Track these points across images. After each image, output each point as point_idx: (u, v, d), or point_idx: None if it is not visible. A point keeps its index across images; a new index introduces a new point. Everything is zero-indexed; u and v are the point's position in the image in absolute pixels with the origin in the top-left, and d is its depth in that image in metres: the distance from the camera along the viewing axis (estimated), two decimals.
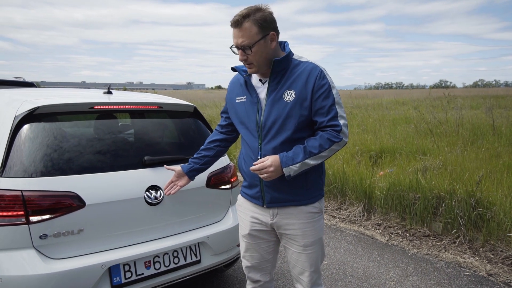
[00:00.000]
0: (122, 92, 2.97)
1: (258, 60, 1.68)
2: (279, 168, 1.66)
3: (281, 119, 1.70)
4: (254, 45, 1.64)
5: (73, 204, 1.94)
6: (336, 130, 1.67)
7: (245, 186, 1.94)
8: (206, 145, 2.12)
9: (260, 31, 1.65)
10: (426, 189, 4.13)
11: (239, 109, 1.85)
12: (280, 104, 1.70)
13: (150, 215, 2.19)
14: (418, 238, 3.93)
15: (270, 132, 1.73)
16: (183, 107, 2.67)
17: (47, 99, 2.18)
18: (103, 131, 2.25)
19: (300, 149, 1.68)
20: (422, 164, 5.73)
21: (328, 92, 1.68)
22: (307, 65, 1.73)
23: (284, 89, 1.71)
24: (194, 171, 2.13)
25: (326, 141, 1.66)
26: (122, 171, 2.14)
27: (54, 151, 2.00)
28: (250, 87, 1.80)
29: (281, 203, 1.80)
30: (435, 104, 16.48)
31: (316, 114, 1.70)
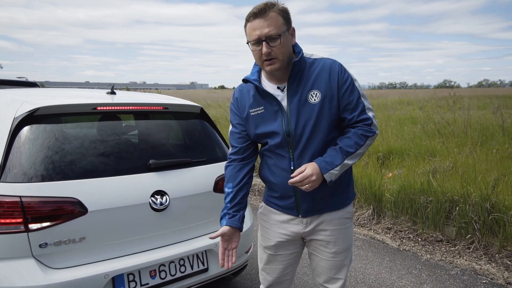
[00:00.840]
0: (126, 92, 2.88)
1: (284, 53, 1.55)
2: (320, 176, 1.53)
3: (312, 123, 1.58)
4: (282, 35, 1.52)
5: (75, 210, 1.84)
6: (368, 124, 1.58)
7: (274, 197, 1.76)
8: (238, 184, 1.70)
9: (285, 23, 1.54)
10: (439, 192, 4.00)
11: (258, 121, 1.67)
12: (307, 108, 1.58)
13: (155, 221, 2.09)
14: (431, 243, 3.81)
15: (302, 139, 1.60)
16: (189, 107, 2.56)
17: (48, 99, 2.08)
18: (106, 133, 2.15)
19: (336, 151, 1.57)
20: (432, 166, 5.60)
21: (353, 85, 1.59)
22: (324, 61, 1.62)
23: (307, 90, 1.59)
24: (243, 219, 1.72)
25: (361, 138, 1.58)
26: (126, 176, 2.04)
27: (55, 154, 1.90)
28: (267, 96, 1.64)
29: (318, 211, 1.69)
30: (441, 104, 16.32)
31: (344, 110, 1.60)
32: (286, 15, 1.54)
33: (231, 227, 1.64)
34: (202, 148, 2.48)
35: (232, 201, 1.68)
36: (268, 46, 1.51)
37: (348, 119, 1.60)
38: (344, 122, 1.63)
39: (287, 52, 1.56)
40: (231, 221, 1.65)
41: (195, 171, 2.32)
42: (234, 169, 1.73)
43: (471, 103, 16.10)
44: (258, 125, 1.67)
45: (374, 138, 1.60)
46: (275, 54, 1.52)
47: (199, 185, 2.30)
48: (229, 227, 1.64)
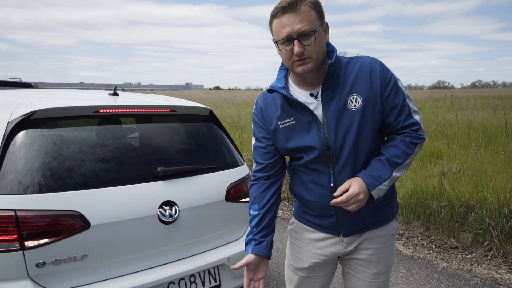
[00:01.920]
0: (129, 93, 2.69)
1: (319, 52, 1.34)
2: (367, 193, 1.34)
3: (353, 132, 1.38)
4: (315, 31, 1.31)
5: (76, 225, 1.65)
6: (415, 129, 1.41)
7: (311, 215, 1.57)
8: (265, 205, 1.51)
9: (318, 17, 1.34)
10: (453, 197, 3.85)
11: (289, 134, 1.46)
12: (346, 115, 1.38)
13: (164, 235, 1.90)
14: (446, 250, 3.65)
15: (343, 152, 1.40)
16: (198, 110, 2.38)
17: (45, 102, 1.89)
18: (110, 138, 1.96)
19: (382, 163, 1.38)
20: (439, 168, 5.46)
21: (397, 86, 1.41)
22: (362, 60, 1.42)
23: (346, 95, 1.39)
24: (271, 244, 1.51)
25: (409, 146, 1.40)
26: (132, 185, 1.85)
27: (54, 162, 1.71)
28: (297, 105, 1.43)
29: (360, 230, 1.50)
30: (439, 105, 16.26)
31: (389, 115, 1.41)
32: (319, 8, 1.34)
33: (258, 255, 1.44)
34: (212, 153, 2.30)
35: (258, 225, 1.48)
36: (301, 45, 1.30)
37: (393, 125, 1.42)
38: (387, 128, 1.44)
39: (322, 51, 1.36)
40: (258, 249, 1.44)
41: (206, 179, 2.14)
42: (260, 189, 1.53)
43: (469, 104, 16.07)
44: (289, 139, 1.47)
45: (422, 145, 1.42)
46: (309, 53, 1.32)
47: (211, 194, 2.12)
48: (255, 256, 1.43)
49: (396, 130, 1.43)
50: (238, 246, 2.22)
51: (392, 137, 1.44)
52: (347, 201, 1.30)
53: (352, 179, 1.36)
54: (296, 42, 1.30)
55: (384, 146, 1.43)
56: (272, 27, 1.37)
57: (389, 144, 1.42)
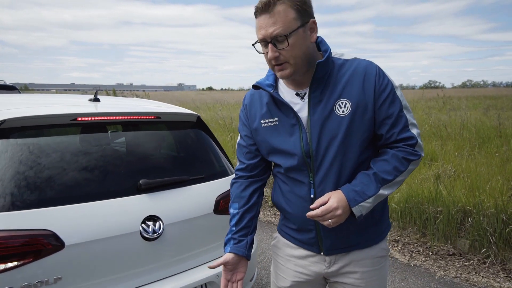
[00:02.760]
0: (112, 98, 2.54)
1: (296, 56, 1.22)
2: (347, 209, 1.22)
3: (338, 140, 1.26)
4: (291, 34, 1.19)
5: (49, 245, 1.51)
6: (411, 144, 1.27)
7: (291, 229, 1.46)
8: (246, 204, 1.44)
9: (298, 17, 1.21)
10: (449, 202, 3.77)
11: (269, 135, 1.37)
12: (332, 121, 1.26)
13: (147, 252, 1.77)
14: (443, 257, 3.56)
15: (324, 161, 1.28)
16: (185, 116, 2.25)
17: (17, 109, 1.74)
18: (88, 149, 1.82)
19: (369, 177, 1.25)
20: (434, 171, 5.39)
21: (394, 94, 1.27)
22: (357, 63, 1.30)
23: (334, 99, 1.27)
24: (251, 244, 1.44)
25: (402, 162, 1.26)
26: (111, 200, 1.71)
27: (24, 177, 1.57)
28: (283, 105, 1.33)
29: (342, 249, 1.38)
30: (431, 105, 16.29)
31: (381, 125, 1.28)
32: (300, 6, 1.20)
33: (236, 254, 1.38)
34: (200, 162, 2.17)
35: (238, 224, 1.42)
36: (275, 49, 1.21)
37: (385, 137, 1.28)
38: (380, 140, 1.31)
39: (302, 54, 1.24)
40: (236, 248, 1.39)
41: (193, 190, 2.00)
42: (240, 187, 1.47)
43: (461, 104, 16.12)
44: (269, 140, 1.37)
45: (418, 163, 1.29)
46: (285, 58, 1.22)
47: (198, 206, 1.99)
48: (233, 255, 1.38)
49: (389, 143, 1.29)
50: None
51: (384, 150, 1.31)
52: (322, 215, 1.19)
53: (332, 192, 1.24)
54: (270, 46, 1.21)
55: (374, 160, 1.30)
56: (255, 28, 1.27)
57: (380, 158, 1.29)
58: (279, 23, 1.18)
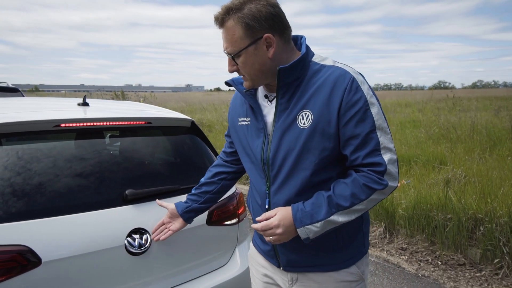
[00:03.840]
0: (101, 102, 2.43)
1: (250, 73, 1.19)
2: (291, 228, 1.14)
3: (294, 154, 1.16)
4: (240, 53, 1.15)
5: (24, 261, 1.40)
6: (378, 172, 1.11)
7: (258, 237, 1.45)
8: (208, 178, 1.59)
9: (247, 34, 1.13)
10: (459, 209, 3.60)
11: (242, 134, 1.35)
12: (292, 132, 1.17)
13: (133, 268, 1.65)
14: (452, 267, 3.39)
15: (280, 173, 1.21)
16: (178, 121, 2.13)
17: None
18: (71, 157, 1.71)
19: (323, 199, 1.14)
20: (444, 175, 5.21)
21: (364, 112, 1.12)
22: (332, 71, 1.16)
23: (298, 109, 1.17)
24: (192, 212, 1.57)
25: (362, 189, 1.11)
26: (94, 211, 1.60)
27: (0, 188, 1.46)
28: (255, 106, 1.27)
29: (302, 268, 1.28)
30: (440, 106, 16.01)
31: (346, 145, 1.14)
32: (250, 22, 1.11)
33: (176, 209, 1.57)
34: (193, 171, 2.05)
35: (196, 189, 1.60)
36: (233, 63, 1.20)
37: (350, 159, 1.15)
38: (346, 161, 1.18)
39: (255, 71, 1.18)
40: (179, 204, 1.58)
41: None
42: (217, 163, 1.62)
43: (471, 105, 15.81)
44: (241, 140, 1.35)
45: (386, 193, 1.14)
46: (242, 72, 1.21)
47: None
48: (174, 207, 1.58)
49: (355, 166, 1.16)
50: (222, 275, 1.97)
51: (349, 172, 1.18)
52: (262, 230, 1.16)
53: (281, 208, 1.18)
54: (229, 59, 1.21)
55: (337, 181, 1.17)
56: None
57: (342, 180, 1.17)
58: (229, 41, 1.16)
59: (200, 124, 11.97)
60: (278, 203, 1.22)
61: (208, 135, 9.93)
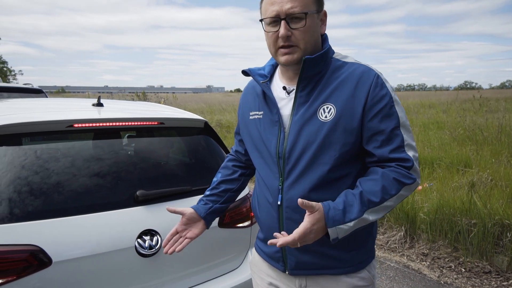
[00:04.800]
0: (116, 102, 2.45)
1: (308, 41, 1.14)
2: (322, 229, 1.07)
3: (314, 147, 1.14)
4: (309, 14, 1.11)
5: (34, 261, 1.41)
6: (406, 167, 1.11)
7: (260, 239, 1.38)
8: (227, 176, 1.49)
9: (315, 2, 1.14)
10: (484, 214, 3.44)
11: (253, 129, 1.30)
12: (312, 125, 1.14)
13: (143, 270, 1.64)
14: (477, 275, 3.25)
15: (296, 167, 1.16)
16: (191, 122, 2.11)
17: (10, 115, 1.66)
18: (83, 158, 1.71)
19: (354, 196, 1.09)
20: (468, 178, 5.02)
21: (390, 108, 1.13)
22: (355, 67, 1.16)
23: (319, 102, 1.15)
24: (214, 214, 1.43)
25: (393, 184, 1.10)
26: (105, 212, 1.60)
27: (12, 188, 1.48)
28: (270, 99, 1.23)
29: (311, 270, 1.23)
30: (466, 107, 15.50)
31: (370, 141, 1.14)
32: None
33: (196, 212, 1.39)
34: (205, 171, 2.02)
35: (212, 189, 1.47)
36: (288, 27, 1.11)
37: (377, 155, 1.13)
38: (369, 157, 1.16)
39: (313, 41, 1.15)
40: (199, 207, 1.41)
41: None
42: (229, 161, 1.54)
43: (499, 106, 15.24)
44: (252, 134, 1.30)
45: (412, 189, 1.13)
46: (296, 39, 1.12)
47: None
48: (193, 211, 1.39)
49: (380, 162, 1.13)
50: (233, 278, 1.94)
51: (374, 169, 1.14)
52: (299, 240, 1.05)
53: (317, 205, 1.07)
54: (283, 23, 1.11)
55: (361, 179, 1.14)
56: (261, 6, 1.19)
57: (368, 177, 1.13)
58: (298, 1, 1.10)
59: (218, 125, 12.00)
60: (292, 199, 1.17)
61: (226, 136, 9.94)
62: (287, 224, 1.19)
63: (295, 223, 1.14)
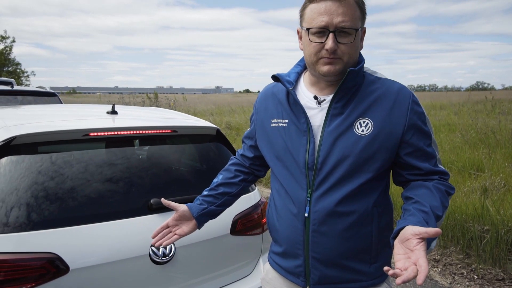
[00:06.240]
0: (129, 109, 2.48)
1: (352, 55, 1.14)
2: None
3: (350, 160, 1.13)
4: (357, 31, 1.13)
5: (52, 269, 1.44)
6: (446, 179, 1.18)
7: (277, 254, 1.33)
8: (228, 179, 1.44)
9: (360, 18, 1.15)
10: (498, 220, 3.40)
11: (275, 137, 1.26)
12: (348, 138, 1.14)
13: (157, 277, 1.67)
14: (490, 282, 3.21)
15: (328, 179, 1.15)
16: (203, 130, 2.14)
17: (28, 124, 1.71)
18: (98, 167, 1.75)
19: (427, 215, 1.04)
20: (481, 183, 4.96)
21: (425, 125, 1.18)
22: (390, 84, 1.18)
23: (355, 116, 1.15)
24: (207, 216, 1.39)
25: (445, 196, 1.14)
26: (120, 220, 1.63)
27: (31, 197, 1.51)
28: (297, 107, 1.21)
29: (334, 285, 1.22)
30: (478, 109, 15.30)
31: (412, 156, 1.17)
32: (363, 9, 1.15)
33: (188, 210, 1.36)
34: None
35: (210, 190, 1.43)
36: (336, 41, 1.10)
37: (423, 169, 1.16)
38: (410, 170, 1.18)
39: (355, 56, 1.16)
40: (193, 206, 1.38)
41: None
42: (233, 165, 1.50)
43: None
44: (272, 142, 1.28)
45: None
46: (342, 53, 1.12)
47: (213, 227, 1.85)
48: (186, 209, 1.36)
49: (426, 175, 1.16)
50: (247, 284, 1.96)
51: (421, 183, 1.15)
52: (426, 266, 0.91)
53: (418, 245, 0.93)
54: (331, 36, 1.09)
55: (415, 194, 1.12)
56: (305, 13, 1.15)
57: (421, 191, 1.12)
58: (349, 16, 1.10)
59: (228, 127, 12.04)
60: (320, 211, 1.16)
61: (236, 139, 9.95)
62: (313, 236, 1.18)
63: (322, 235, 1.16)
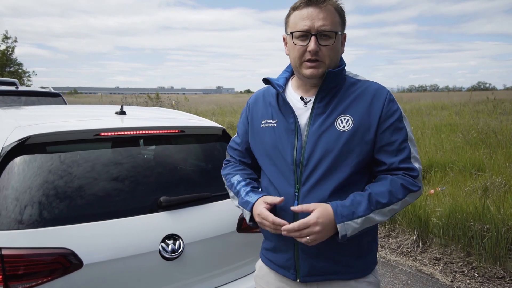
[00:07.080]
0: (137, 110, 2.54)
1: (332, 58, 1.23)
2: (330, 225, 1.13)
3: (333, 155, 1.21)
4: (336, 34, 1.22)
5: (67, 264, 1.50)
6: (412, 176, 1.22)
7: (268, 249, 1.40)
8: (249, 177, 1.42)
9: (340, 23, 1.25)
10: (498, 219, 3.45)
11: (265, 137, 1.34)
12: (331, 134, 1.22)
13: (166, 272, 1.72)
14: (491, 280, 3.26)
15: (314, 174, 1.22)
16: (209, 130, 2.19)
17: (42, 124, 1.76)
18: (110, 165, 1.80)
19: (362, 196, 1.18)
20: (481, 182, 5.00)
21: (400, 123, 1.25)
22: (368, 84, 1.28)
23: (337, 113, 1.24)
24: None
25: (400, 189, 1.19)
26: (131, 217, 1.68)
27: (45, 194, 1.57)
28: (285, 107, 1.30)
29: (324, 276, 1.28)
30: (479, 109, 15.33)
31: (381, 151, 1.24)
32: (342, 15, 1.25)
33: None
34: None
35: (247, 185, 1.36)
36: (318, 43, 1.20)
37: (387, 164, 1.23)
38: (378, 166, 1.26)
39: (336, 58, 1.25)
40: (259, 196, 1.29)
41: (215, 207, 1.94)
42: (236, 167, 1.49)
43: None
44: (263, 142, 1.35)
45: (416, 197, 1.22)
46: (323, 55, 1.21)
47: (220, 224, 1.92)
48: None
49: (389, 171, 1.23)
50: (251, 282, 2.01)
51: (382, 176, 1.24)
52: (299, 230, 1.12)
53: (319, 204, 1.16)
54: (313, 38, 1.19)
55: (372, 184, 1.24)
56: (289, 20, 1.27)
57: (377, 182, 1.23)
58: (329, 20, 1.20)
59: (230, 127, 12.10)
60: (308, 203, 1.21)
61: None
62: None
63: None
